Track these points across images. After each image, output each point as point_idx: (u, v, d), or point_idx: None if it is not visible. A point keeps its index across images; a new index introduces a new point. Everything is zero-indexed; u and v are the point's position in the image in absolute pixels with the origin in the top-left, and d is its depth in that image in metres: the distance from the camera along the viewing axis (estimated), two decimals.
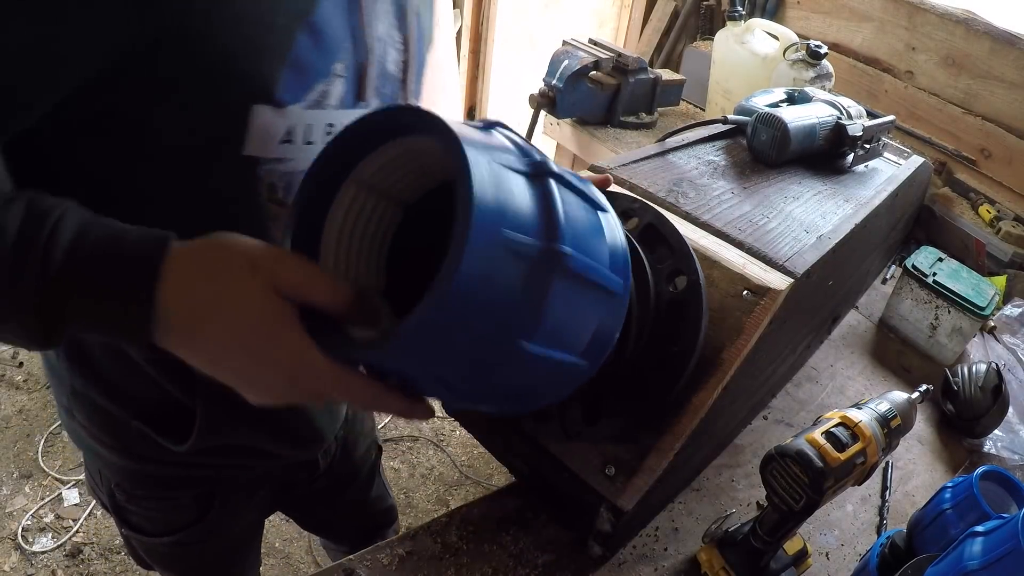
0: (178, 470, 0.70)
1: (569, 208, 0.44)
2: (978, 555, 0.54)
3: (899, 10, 1.81)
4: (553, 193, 0.43)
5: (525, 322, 0.41)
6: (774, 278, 0.68)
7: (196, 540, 0.79)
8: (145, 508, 0.75)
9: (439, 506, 1.91)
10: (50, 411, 2.00)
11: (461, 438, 2.10)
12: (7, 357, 2.13)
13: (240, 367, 0.42)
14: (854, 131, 1.00)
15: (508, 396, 0.48)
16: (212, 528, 0.79)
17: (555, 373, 0.47)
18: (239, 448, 0.69)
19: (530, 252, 0.40)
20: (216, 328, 0.41)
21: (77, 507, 1.76)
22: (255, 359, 0.41)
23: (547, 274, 0.41)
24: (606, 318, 0.49)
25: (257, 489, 0.83)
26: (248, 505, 0.83)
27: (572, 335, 0.46)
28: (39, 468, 1.84)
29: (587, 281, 0.44)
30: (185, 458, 0.66)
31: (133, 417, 0.63)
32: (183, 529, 0.77)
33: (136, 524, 0.77)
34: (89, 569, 1.64)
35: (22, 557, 1.64)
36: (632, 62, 1.70)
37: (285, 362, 0.41)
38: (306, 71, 0.49)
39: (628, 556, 0.74)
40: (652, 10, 2.52)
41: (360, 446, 0.98)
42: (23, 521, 1.70)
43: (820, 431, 0.64)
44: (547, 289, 0.41)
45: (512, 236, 0.38)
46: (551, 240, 0.41)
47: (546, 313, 0.42)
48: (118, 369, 0.61)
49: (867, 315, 1.29)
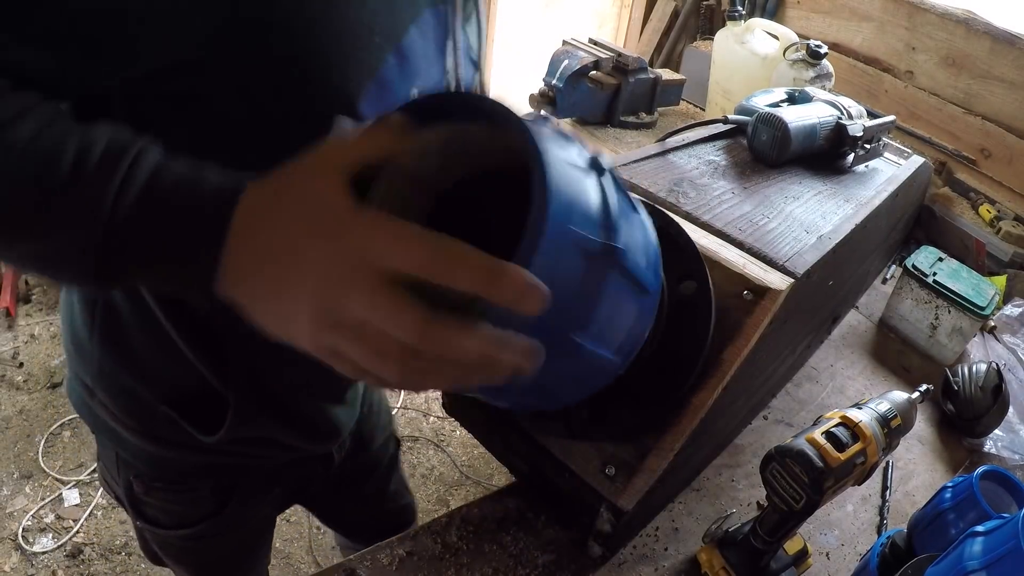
0: (200, 457, 0.69)
1: (620, 205, 0.45)
2: (978, 555, 0.54)
3: (899, 10, 1.81)
4: (608, 189, 0.43)
5: (579, 315, 0.42)
6: (774, 278, 0.68)
7: (212, 534, 0.79)
8: (162, 500, 0.75)
9: (439, 506, 1.91)
10: (50, 411, 2.00)
11: (461, 438, 2.10)
12: (7, 357, 2.13)
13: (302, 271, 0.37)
14: (854, 131, 1.00)
15: (544, 390, 0.49)
16: (228, 522, 0.79)
17: (593, 368, 0.48)
18: (260, 439, 0.68)
19: (592, 247, 0.40)
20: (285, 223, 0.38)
21: (77, 507, 1.76)
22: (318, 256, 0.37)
23: (604, 270, 0.42)
24: (640, 316, 0.50)
25: (274, 483, 0.83)
26: (264, 499, 0.83)
27: (614, 331, 0.47)
28: (39, 468, 1.84)
29: (634, 279, 0.45)
30: (209, 446, 0.65)
31: (162, 402, 0.62)
32: (200, 522, 0.77)
33: (152, 517, 0.76)
34: (89, 569, 1.64)
35: (22, 557, 1.64)
36: (632, 62, 1.70)
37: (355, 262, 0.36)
38: (388, 90, 0.51)
39: (628, 556, 0.74)
40: (652, 10, 2.52)
41: (377, 439, 0.97)
42: (23, 521, 1.70)
43: (820, 431, 0.64)
44: (603, 284, 0.42)
45: (578, 231, 0.39)
46: (609, 237, 0.42)
47: (598, 308, 0.43)
48: (153, 349, 0.60)
49: (867, 315, 1.29)
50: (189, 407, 0.63)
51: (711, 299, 0.63)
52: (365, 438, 0.93)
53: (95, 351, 0.62)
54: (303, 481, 0.87)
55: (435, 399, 2.21)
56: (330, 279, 0.36)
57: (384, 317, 0.34)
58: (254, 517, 0.85)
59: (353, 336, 0.36)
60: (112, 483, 0.77)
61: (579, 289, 0.41)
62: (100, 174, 0.37)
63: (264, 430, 0.67)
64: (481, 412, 0.79)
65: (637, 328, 0.50)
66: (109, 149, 0.38)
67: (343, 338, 0.36)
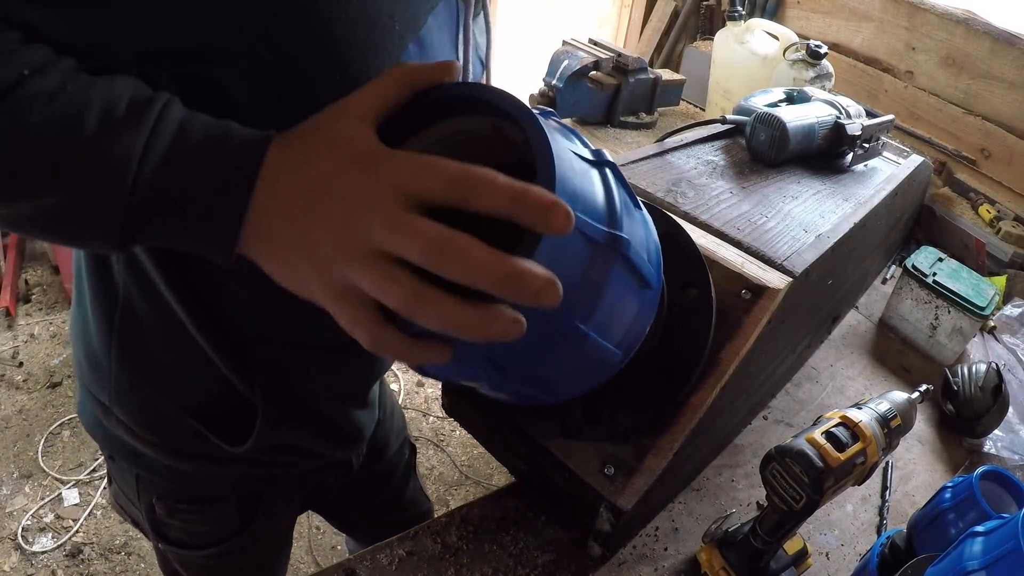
0: (226, 469, 0.67)
1: (623, 199, 0.45)
2: (978, 555, 0.53)
3: (899, 10, 1.81)
4: (611, 182, 0.44)
5: (584, 302, 0.42)
6: (773, 277, 0.68)
7: (237, 550, 0.77)
8: (186, 521, 0.72)
9: (439, 506, 1.91)
10: (50, 411, 2.00)
11: (461, 438, 2.10)
12: (7, 357, 2.14)
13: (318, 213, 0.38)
14: (853, 130, 1.00)
15: (544, 382, 0.49)
16: (253, 537, 0.77)
17: (595, 360, 0.48)
18: (286, 447, 0.67)
19: (597, 236, 0.41)
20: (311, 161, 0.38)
21: (77, 507, 1.76)
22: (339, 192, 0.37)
23: (609, 260, 0.43)
24: (642, 311, 0.50)
25: (295, 493, 0.82)
26: (286, 510, 0.83)
27: (616, 323, 0.47)
28: (39, 468, 1.84)
29: (637, 271, 0.46)
30: (236, 456, 0.63)
31: (187, 414, 0.61)
32: (226, 540, 0.75)
33: (175, 539, 0.74)
34: (89, 569, 1.64)
35: (22, 557, 1.64)
36: (632, 62, 1.70)
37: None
38: None
39: (628, 556, 0.74)
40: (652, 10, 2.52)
41: (392, 444, 0.96)
42: (23, 521, 1.70)
43: (820, 431, 0.64)
44: (607, 274, 0.43)
45: (583, 218, 0.40)
46: (613, 227, 0.42)
47: (603, 298, 0.43)
48: (177, 356, 0.58)
49: (867, 315, 1.29)
50: (214, 418, 0.62)
51: (712, 309, 0.64)
52: (380, 445, 0.93)
53: (112, 366, 0.60)
54: (320, 488, 0.86)
55: (435, 399, 2.21)
56: (357, 205, 0.36)
57: (403, 236, 0.35)
58: (277, 529, 0.84)
59: (371, 263, 0.35)
60: (131, 508, 0.75)
61: (584, 276, 0.41)
62: (128, 124, 0.37)
63: (291, 436, 0.65)
64: (481, 412, 0.79)
65: (639, 323, 0.51)
66: (135, 100, 0.38)
67: (359, 267, 0.36)
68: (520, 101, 0.40)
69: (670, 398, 0.64)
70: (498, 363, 0.43)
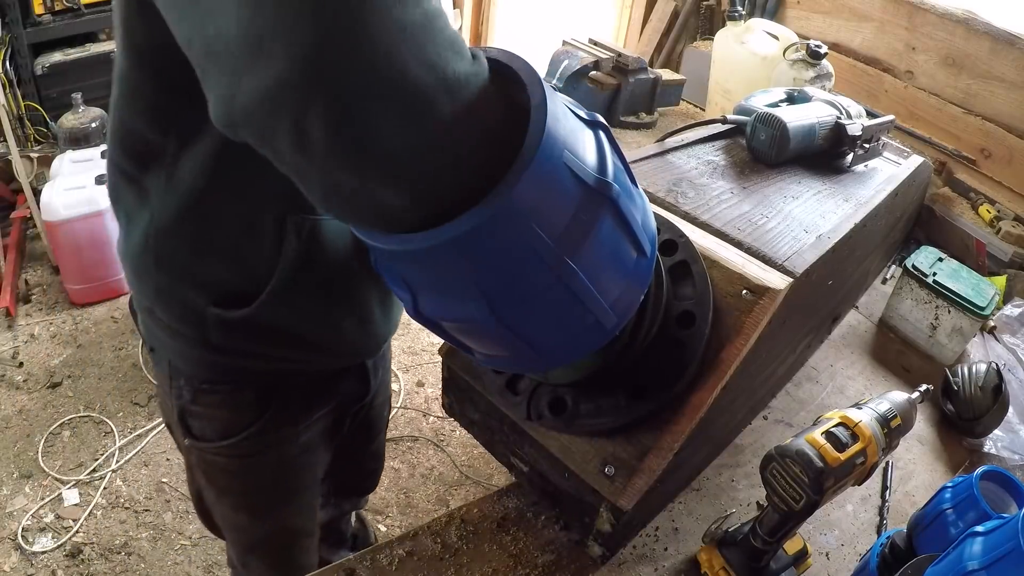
0: (244, 361, 0.75)
1: (617, 162, 0.48)
2: (978, 555, 0.53)
3: (899, 10, 1.81)
4: (605, 142, 0.47)
5: (573, 239, 0.44)
6: (773, 277, 0.68)
7: (255, 451, 0.82)
8: (207, 404, 0.79)
9: (439, 506, 1.90)
10: (50, 411, 2.00)
11: (461, 438, 2.10)
12: (7, 357, 2.13)
13: None
14: (853, 131, 1.00)
15: (538, 334, 0.50)
16: (270, 438, 0.82)
17: (586, 316, 0.49)
18: (296, 338, 0.74)
19: (587, 179, 0.44)
20: None
21: (77, 507, 1.76)
22: None
23: (599, 205, 0.45)
24: (633, 278, 0.52)
25: (311, 401, 0.85)
26: (305, 419, 0.85)
27: (608, 278, 0.49)
28: (39, 468, 1.83)
29: (627, 228, 0.48)
30: (252, 348, 0.73)
31: (209, 303, 0.70)
32: (243, 430, 0.80)
33: (199, 431, 0.81)
34: (89, 569, 1.64)
35: (22, 557, 1.64)
36: (632, 62, 1.70)
37: None
38: None
39: (628, 556, 0.74)
40: (652, 10, 2.52)
41: (381, 394, 1.03)
42: (23, 521, 1.70)
43: (820, 431, 0.64)
44: (597, 220, 0.45)
45: (572, 157, 0.42)
46: (603, 175, 0.45)
47: (591, 239, 0.45)
48: (202, 255, 0.68)
49: (867, 315, 1.28)
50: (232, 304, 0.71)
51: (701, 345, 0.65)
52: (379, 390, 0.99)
53: (152, 273, 0.71)
54: (341, 412, 0.91)
55: (435, 399, 2.21)
56: None
57: None
58: (294, 437, 0.86)
59: None
60: (167, 407, 0.83)
61: (575, 217, 0.43)
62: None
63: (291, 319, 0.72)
64: (480, 412, 0.79)
65: (631, 291, 0.52)
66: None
67: None
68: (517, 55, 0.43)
69: (666, 391, 0.64)
70: (491, 298, 0.44)
